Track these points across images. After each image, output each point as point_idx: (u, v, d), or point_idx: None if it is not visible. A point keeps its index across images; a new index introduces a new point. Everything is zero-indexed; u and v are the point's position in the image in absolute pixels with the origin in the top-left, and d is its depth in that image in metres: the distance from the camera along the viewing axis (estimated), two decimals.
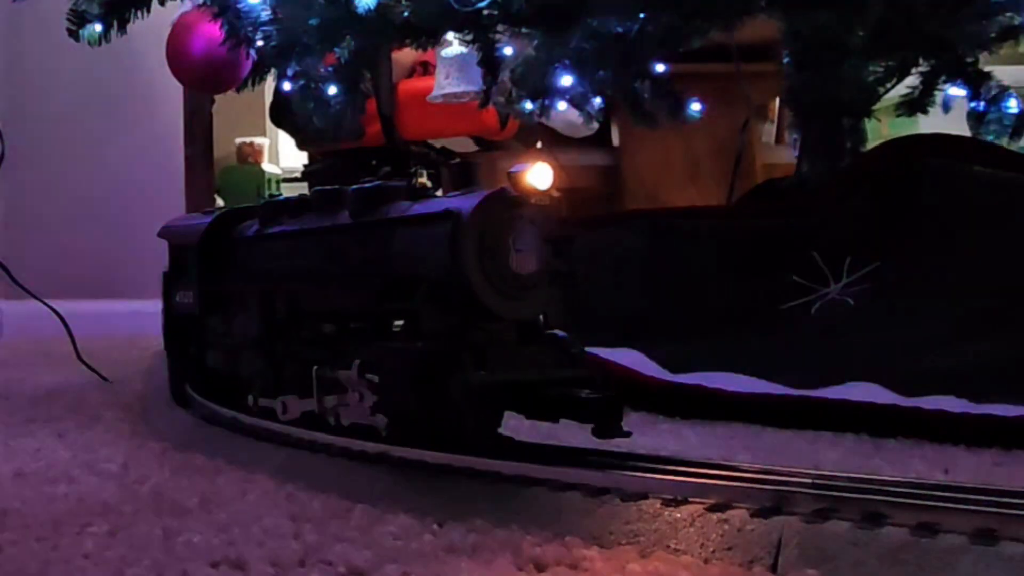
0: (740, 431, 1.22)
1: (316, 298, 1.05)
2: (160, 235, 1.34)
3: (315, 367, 0.99)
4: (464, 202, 0.89)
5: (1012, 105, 1.43)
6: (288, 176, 4.42)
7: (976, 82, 1.43)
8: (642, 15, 1.39)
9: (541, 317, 0.93)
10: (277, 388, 1.07)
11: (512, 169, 0.89)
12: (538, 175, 0.88)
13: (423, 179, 0.98)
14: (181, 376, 1.36)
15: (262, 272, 1.14)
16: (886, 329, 1.32)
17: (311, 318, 1.06)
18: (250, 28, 1.47)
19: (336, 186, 1.06)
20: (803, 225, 1.48)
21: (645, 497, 0.75)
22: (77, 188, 3.36)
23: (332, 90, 1.62)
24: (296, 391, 1.04)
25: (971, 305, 1.30)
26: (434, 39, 1.50)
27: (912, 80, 1.48)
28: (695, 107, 1.71)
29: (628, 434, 0.85)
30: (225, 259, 1.22)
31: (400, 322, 0.98)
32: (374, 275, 0.96)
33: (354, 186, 1.02)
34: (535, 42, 1.51)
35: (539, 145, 2.98)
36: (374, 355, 0.94)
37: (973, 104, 1.45)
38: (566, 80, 1.57)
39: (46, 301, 1.93)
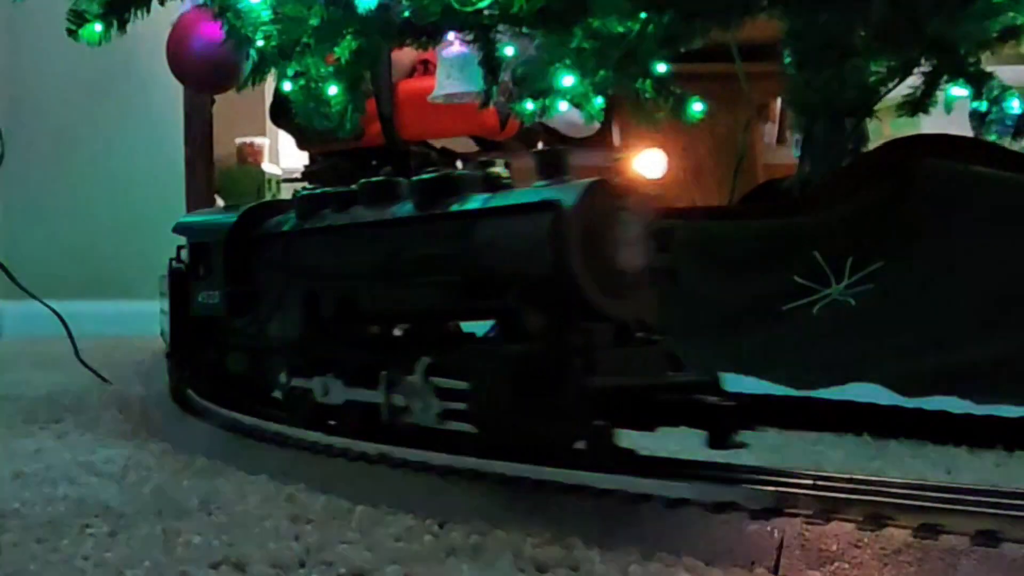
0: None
1: (376, 297, 0.97)
2: (176, 231, 1.27)
3: (383, 371, 0.91)
4: (564, 192, 0.81)
5: (1014, 105, 1.43)
6: (288, 176, 4.41)
7: (978, 82, 1.43)
8: (643, 15, 1.39)
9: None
10: (309, 371, 1.01)
11: (616, 156, 0.84)
12: (648, 162, 0.82)
13: (498, 168, 0.91)
14: (190, 381, 1.29)
15: (306, 269, 1.06)
16: (888, 330, 1.32)
17: (370, 317, 0.98)
18: (250, 28, 1.47)
19: (387, 177, 0.99)
20: (805, 225, 1.47)
21: (647, 499, 0.75)
22: (77, 188, 3.36)
23: (332, 90, 1.62)
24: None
25: (973, 306, 1.30)
26: (434, 39, 1.49)
27: (914, 80, 1.48)
28: (696, 107, 1.71)
29: (744, 445, 0.77)
30: (257, 256, 1.14)
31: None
32: (452, 271, 0.87)
33: (417, 177, 0.93)
34: (536, 42, 1.51)
35: (540, 145, 2.98)
36: (460, 358, 0.85)
37: (975, 104, 1.45)
38: (567, 80, 1.56)
39: (46, 301, 1.93)
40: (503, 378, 0.80)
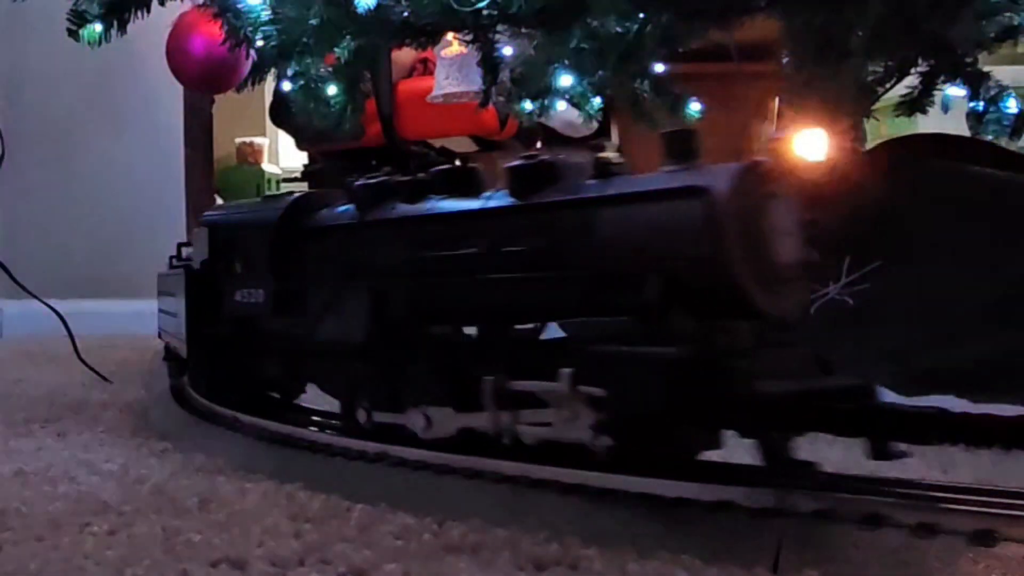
0: None
1: (466, 294, 0.87)
2: (204, 224, 1.18)
3: (489, 378, 0.81)
4: (713, 175, 0.73)
5: (1011, 105, 1.43)
6: (288, 176, 4.42)
7: (975, 82, 1.43)
8: (642, 15, 1.39)
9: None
10: (397, 401, 0.91)
11: (774, 135, 0.79)
12: (808, 143, 0.73)
13: (607, 153, 0.82)
14: (209, 387, 1.22)
15: (374, 265, 0.96)
16: (885, 329, 1.32)
17: (453, 317, 0.89)
18: (250, 28, 1.47)
19: (462, 164, 0.91)
20: (803, 224, 1.47)
21: (646, 498, 0.75)
22: (77, 188, 3.36)
23: (332, 90, 1.62)
24: (427, 404, 0.88)
25: (971, 305, 1.30)
26: (434, 39, 1.49)
27: (911, 80, 1.48)
28: (694, 107, 1.71)
29: (908, 454, 0.71)
30: (308, 251, 1.04)
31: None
32: (570, 266, 0.79)
33: (515, 162, 0.85)
34: (535, 42, 1.51)
35: (539, 145, 2.99)
36: (596, 363, 0.75)
37: (972, 104, 1.45)
38: (565, 80, 1.57)
39: (46, 301, 1.93)
40: (652, 385, 0.71)
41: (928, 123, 1.58)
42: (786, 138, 0.73)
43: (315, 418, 1.12)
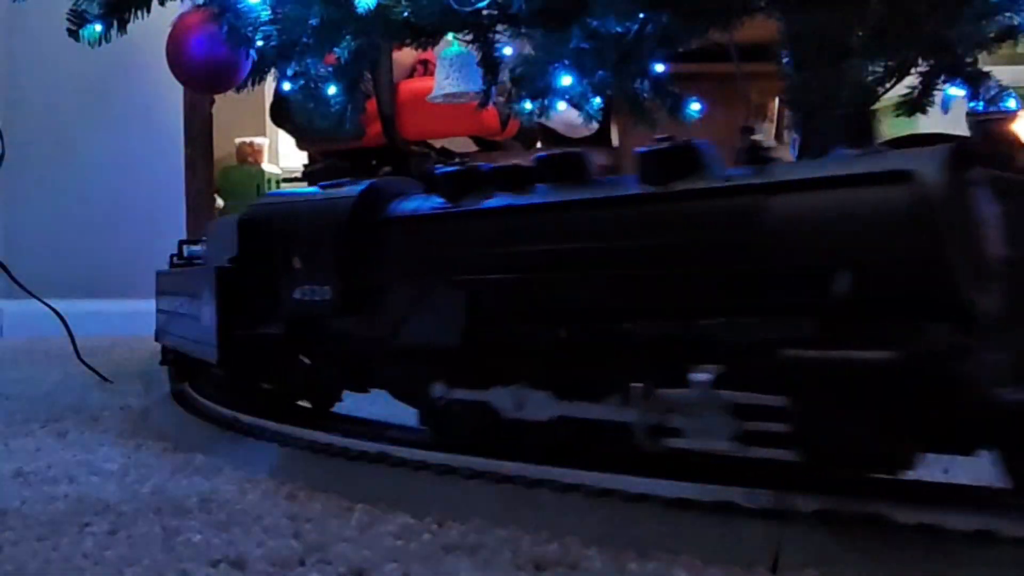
0: None
1: (597, 293, 0.78)
2: (248, 215, 1.08)
3: (635, 383, 0.74)
4: (918, 159, 0.64)
5: (1010, 105, 1.43)
6: (288, 176, 4.42)
7: (975, 82, 1.44)
8: (642, 15, 1.39)
9: None
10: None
11: (986, 115, 0.72)
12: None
13: (759, 136, 0.75)
14: (245, 396, 1.14)
15: (477, 259, 0.86)
16: None
17: (579, 318, 0.80)
18: (250, 28, 1.47)
19: (573, 149, 0.83)
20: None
21: (645, 498, 0.75)
22: (77, 188, 3.36)
23: (332, 90, 1.62)
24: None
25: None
26: (434, 39, 1.50)
27: (911, 80, 1.48)
28: (694, 107, 1.71)
29: None
30: (388, 244, 0.95)
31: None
32: (733, 260, 0.70)
33: (644, 148, 0.76)
34: (535, 42, 1.51)
35: (539, 145, 2.99)
36: (767, 367, 0.67)
37: (972, 104, 1.45)
38: (566, 80, 1.57)
39: (46, 301, 1.93)
40: (857, 394, 0.63)
41: (928, 123, 1.58)
42: (1005, 119, 0.64)
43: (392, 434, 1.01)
